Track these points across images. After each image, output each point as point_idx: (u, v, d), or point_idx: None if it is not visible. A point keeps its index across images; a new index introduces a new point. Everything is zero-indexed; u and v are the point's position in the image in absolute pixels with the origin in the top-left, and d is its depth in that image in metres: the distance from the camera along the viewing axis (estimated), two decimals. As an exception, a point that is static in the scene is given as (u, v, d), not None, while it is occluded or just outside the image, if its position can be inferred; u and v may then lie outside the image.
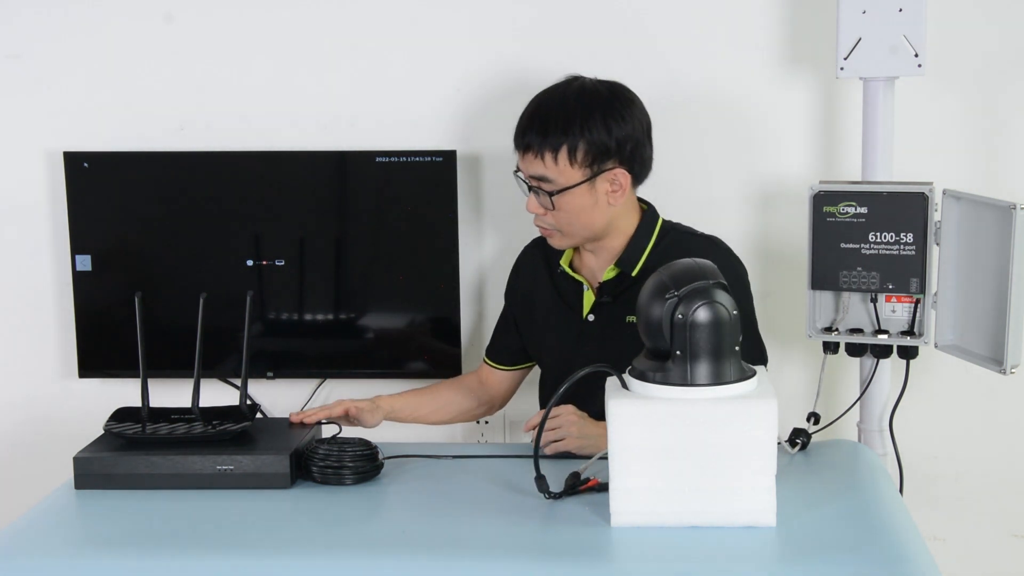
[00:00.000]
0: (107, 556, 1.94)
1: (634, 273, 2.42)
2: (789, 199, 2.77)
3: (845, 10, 2.52)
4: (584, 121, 2.32)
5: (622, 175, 2.36)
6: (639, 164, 2.39)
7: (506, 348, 2.63)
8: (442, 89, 2.85)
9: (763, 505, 1.93)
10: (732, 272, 2.36)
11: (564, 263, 2.49)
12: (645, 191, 2.86)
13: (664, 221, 2.49)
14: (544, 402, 2.60)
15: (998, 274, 2.31)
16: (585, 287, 2.48)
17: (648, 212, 2.48)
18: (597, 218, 2.38)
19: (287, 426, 2.32)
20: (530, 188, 2.38)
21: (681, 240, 2.45)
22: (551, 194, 2.34)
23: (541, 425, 2.07)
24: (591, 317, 2.46)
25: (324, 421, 2.36)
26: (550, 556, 1.88)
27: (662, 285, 1.96)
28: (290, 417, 2.35)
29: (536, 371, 2.64)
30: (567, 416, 2.27)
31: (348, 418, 2.39)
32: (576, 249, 2.50)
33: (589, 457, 2.18)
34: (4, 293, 3.01)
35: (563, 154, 2.32)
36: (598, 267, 2.47)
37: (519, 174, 2.40)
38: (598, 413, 2.15)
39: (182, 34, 2.89)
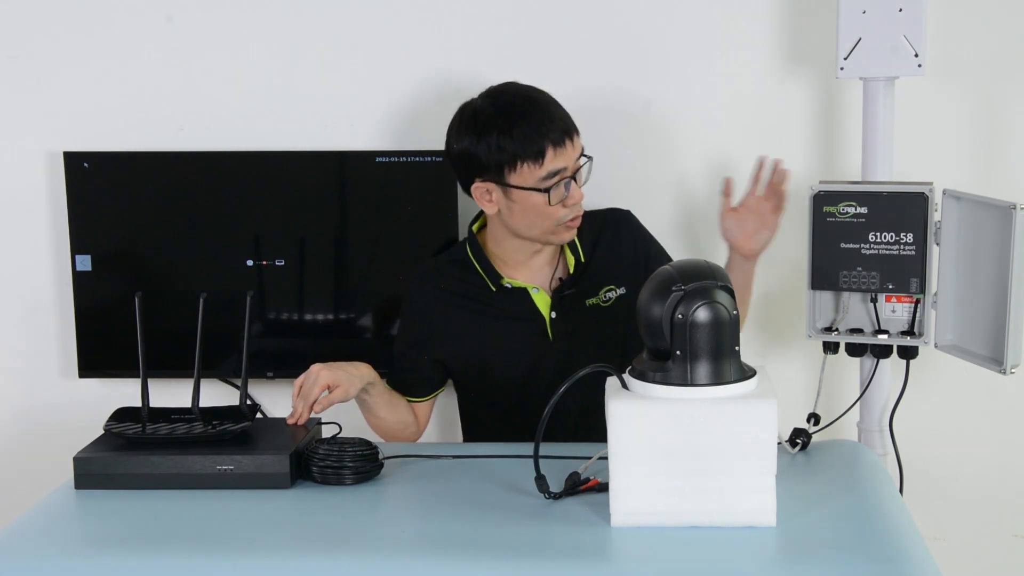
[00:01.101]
0: (107, 556, 1.94)
1: (583, 259, 2.55)
2: (789, 199, 2.77)
3: (845, 10, 2.52)
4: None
5: None
6: None
7: (425, 383, 2.60)
8: (442, 89, 2.85)
9: (763, 505, 1.93)
10: (640, 231, 2.62)
11: (507, 278, 2.53)
12: (645, 190, 2.87)
13: None
14: (486, 415, 2.62)
15: (998, 274, 2.30)
16: (534, 290, 2.52)
17: None
18: None
19: (287, 426, 2.32)
20: (571, 179, 2.43)
21: (595, 217, 2.58)
22: (590, 159, 2.47)
23: (541, 425, 2.06)
24: (554, 314, 2.51)
25: (321, 423, 2.36)
26: (550, 556, 1.88)
27: (669, 277, 1.95)
28: (288, 422, 2.34)
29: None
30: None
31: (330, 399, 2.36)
32: (497, 263, 2.54)
33: (589, 456, 2.18)
34: (4, 293, 3.01)
35: (577, 134, 2.46)
36: (542, 266, 2.54)
37: (554, 180, 2.41)
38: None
39: (182, 34, 2.89)
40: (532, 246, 2.52)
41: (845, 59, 2.53)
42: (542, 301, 2.53)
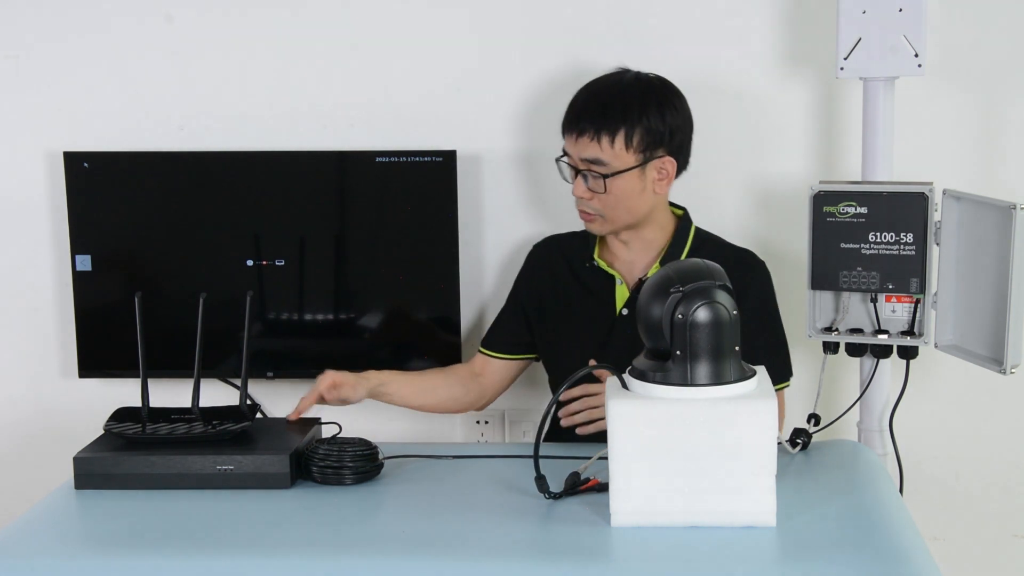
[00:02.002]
0: (107, 556, 1.94)
1: None
2: (789, 199, 2.77)
3: (845, 10, 2.52)
4: (642, 107, 2.40)
5: (670, 163, 2.44)
6: (684, 155, 2.49)
7: (508, 336, 2.63)
8: (442, 89, 2.85)
9: (763, 505, 1.93)
10: (762, 289, 2.49)
11: (597, 257, 2.52)
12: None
13: (699, 228, 2.56)
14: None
15: (998, 274, 2.31)
16: (619, 281, 2.51)
17: (685, 216, 2.55)
18: (642, 205, 2.45)
19: (287, 426, 2.32)
20: (578, 172, 2.43)
21: (718, 249, 2.51)
22: (605, 177, 2.40)
23: (541, 426, 2.06)
24: (625, 311, 2.49)
25: (321, 423, 2.36)
26: (550, 556, 1.88)
27: (667, 279, 1.95)
28: (288, 418, 2.35)
29: (533, 373, 2.64)
30: (602, 396, 2.28)
31: (335, 389, 2.40)
32: (605, 244, 2.53)
33: (589, 456, 2.18)
34: (4, 293, 3.01)
35: (620, 138, 2.39)
36: (633, 261, 2.52)
37: (564, 160, 2.45)
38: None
39: (182, 34, 2.89)
40: (618, 232, 2.50)
41: (845, 59, 2.53)
42: (621, 294, 2.51)
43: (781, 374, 2.47)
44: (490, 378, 2.65)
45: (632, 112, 2.40)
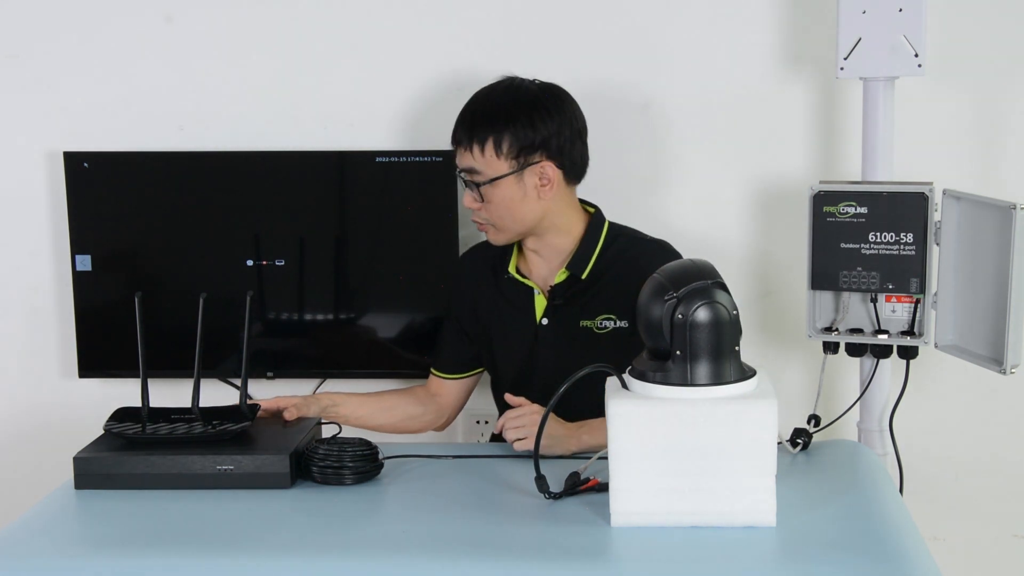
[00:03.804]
0: (107, 556, 1.94)
1: (584, 276, 2.45)
2: (789, 199, 2.77)
3: (845, 10, 2.52)
4: (509, 115, 2.40)
5: (550, 168, 2.41)
6: (569, 161, 2.44)
7: (453, 356, 2.62)
8: (442, 89, 2.85)
9: (763, 505, 1.93)
10: None
11: (512, 269, 2.52)
12: (645, 190, 2.86)
13: (612, 224, 2.52)
14: (501, 406, 2.61)
15: (998, 274, 2.31)
16: (536, 291, 2.50)
17: (596, 215, 2.52)
18: (528, 212, 2.43)
19: (287, 426, 2.32)
20: (466, 182, 2.44)
21: (631, 244, 2.48)
22: (479, 185, 2.41)
23: (541, 426, 2.06)
24: (544, 321, 2.48)
25: (321, 422, 2.36)
26: (550, 556, 1.88)
27: (660, 286, 1.96)
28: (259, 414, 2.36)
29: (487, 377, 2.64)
30: (530, 415, 2.27)
31: (286, 412, 2.38)
32: (521, 253, 2.53)
33: (589, 456, 2.18)
34: (4, 293, 3.01)
35: (489, 146, 2.39)
36: (547, 270, 2.50)
37: (461, 173, 2.45)
38: (594, 412, 2.15)
39: (182, 34, 2.89)
40: (525, 242, 2.50)
41: (845, 59, 2.53)
42: (540, 304, 2.51)
43: None
44: (446, 398, 2.65)
45: (499, 120, 2.39)
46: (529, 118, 2.40)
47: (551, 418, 2.24)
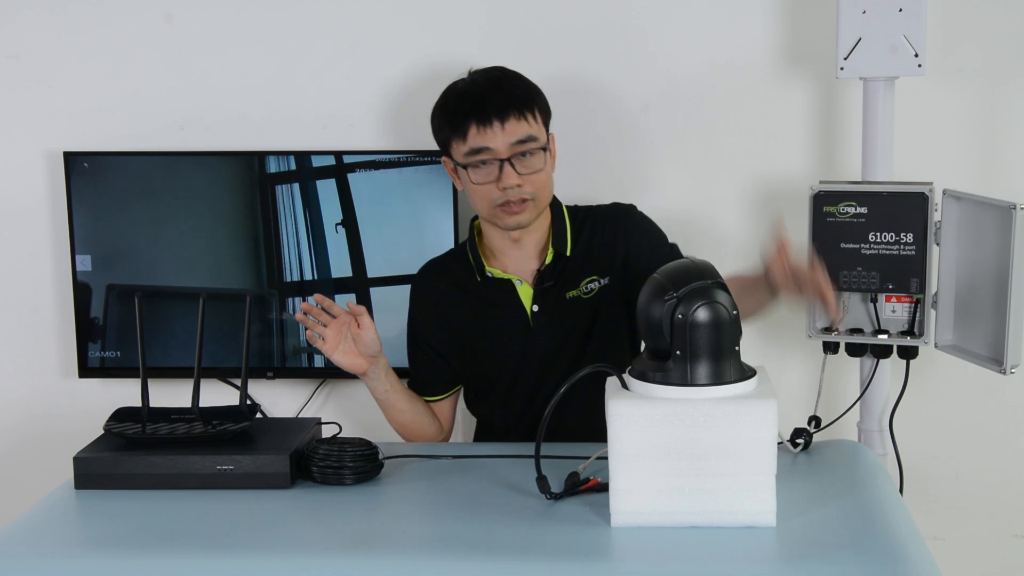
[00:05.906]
0: (107, 556, 1.94)
1: (568, 252, 2.50)
2: (789, 199, 2.77)
3: (845, 10, 2.52)
4: (531, 87, 2.46)
5: (553, 140, 2.48)
6: None
7: (431, 379, 2.60)
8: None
9: (763, 505, 1.92)
10: (641, 219, 2.55)
11: (490, 269, 2.52)
12: (646, 190, 2.87)
13: (564, 204, 2.56)
14: (481, 413, 2.63)
15: (998, 274, 2.31)
16: (518, 282, 2.51)
17: (554, 197, 2.55)
18: (551, 182, 2.49)
19: (287, 426, 2.32)
20: (504, 161, 2.38)
21: (590, 212, 2.56)
22: (544, 149, 2.42)
23: (542, 425, 2.05)
24: (535, 307, 2.49)
25: (321, 422, 2.36)
26: (550, 556, 1.88)
27: (660, 286, 1.96)
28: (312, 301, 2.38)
29: None
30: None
31: (360, 331, 2.38)
32: (489, 254, 2.53)
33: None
34: (4, 293, 3.01)
35: (537, 113, 2.43)
36: (526, 259, 2.52)
37: (479, 159, 2.40)
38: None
39: (182, 34, 2.89)
40: (508, 235, 2.49)
41: (845, 59, 2.53)
42: (526, 294, 2.51)
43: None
44: (441, 416, 2.64)
45: (530, 89, 2.44)
46: (540, 91, 2.46)
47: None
